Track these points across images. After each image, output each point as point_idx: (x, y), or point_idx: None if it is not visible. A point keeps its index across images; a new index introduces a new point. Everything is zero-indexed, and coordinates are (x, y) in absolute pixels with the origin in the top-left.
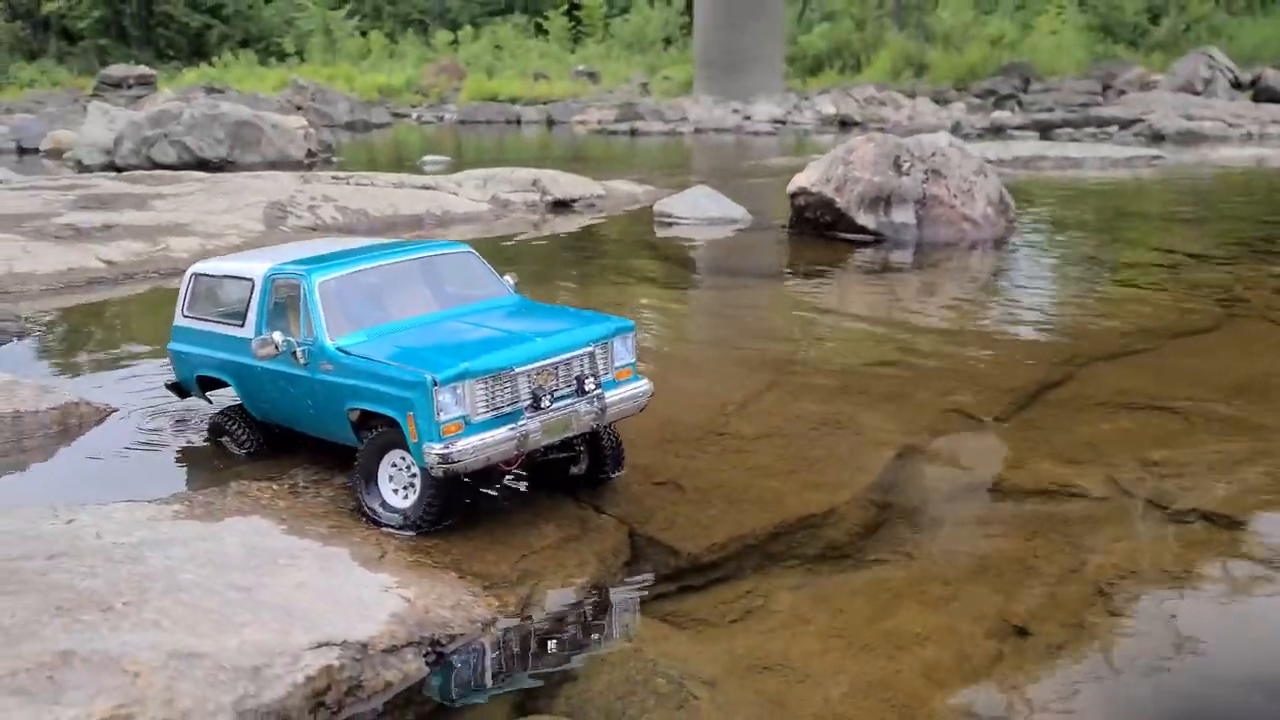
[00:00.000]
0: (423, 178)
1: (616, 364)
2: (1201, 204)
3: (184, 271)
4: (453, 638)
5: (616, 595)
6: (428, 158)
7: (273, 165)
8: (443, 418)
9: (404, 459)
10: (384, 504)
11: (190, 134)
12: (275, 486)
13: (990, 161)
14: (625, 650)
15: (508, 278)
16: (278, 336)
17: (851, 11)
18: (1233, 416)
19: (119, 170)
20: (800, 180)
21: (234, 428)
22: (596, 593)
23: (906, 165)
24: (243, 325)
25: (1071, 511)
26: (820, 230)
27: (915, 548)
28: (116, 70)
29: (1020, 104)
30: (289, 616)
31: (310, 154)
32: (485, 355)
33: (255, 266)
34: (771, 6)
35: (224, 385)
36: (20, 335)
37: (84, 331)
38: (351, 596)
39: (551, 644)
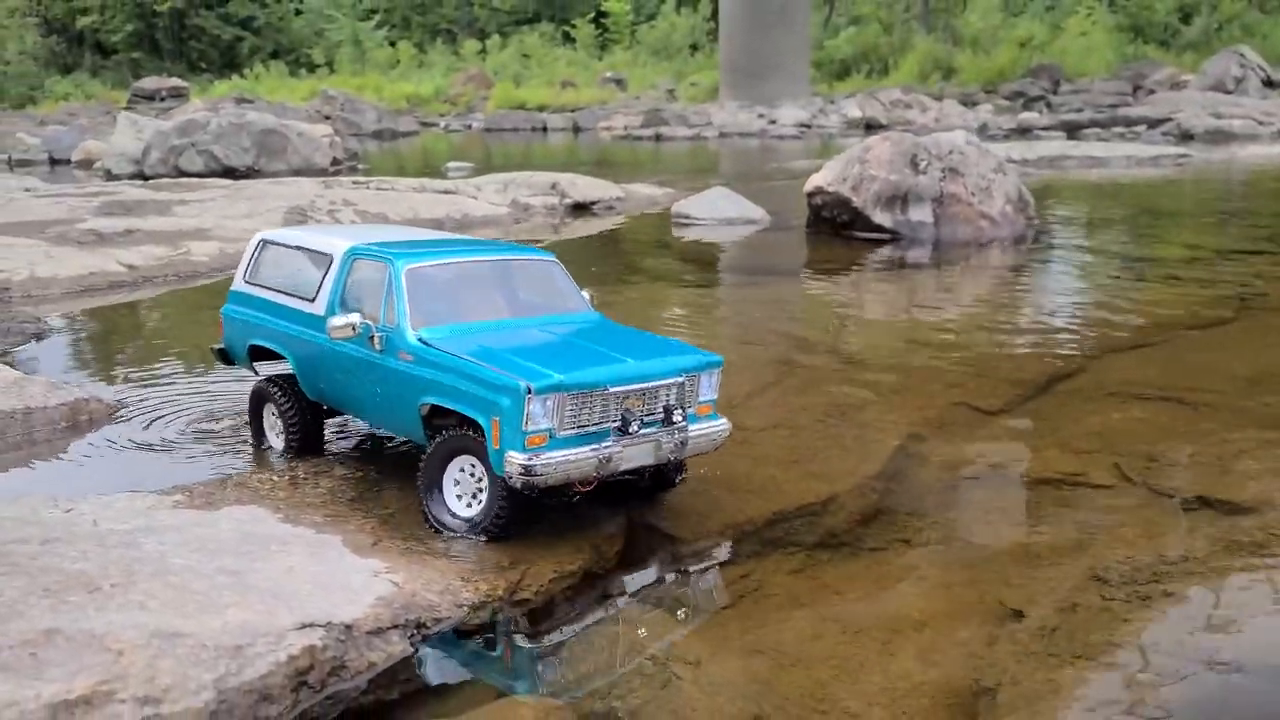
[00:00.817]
0: (443, 182)
1: (700, 398)
2: (1226, 201)
3: (203, 275)
4: (439, 620)
5: (609, 581)
6: (451, 164)
7: (298, 173)
8: (530, 428)
9: (473, 466)
10: (450, 512)
11: (217, 143)
12: (275, 478)
13: (1014, 161)
14: (614, 633)
15: (585, 292)
16: (356, 318)
17: (879, 16)
18: (1243, 407)
19: (147, 179)
20: (817, 180)
21: (281, 398)
22: (588, 578)
23: (923, 164)
24: (313, 300)
25: (1076, 499)
26: (837, 229)
27: (915, 535)
28: (149, 83)
29: (1049, 105)
30: (275, 599)
31: (336, 162)
32: (581, 370)
33: (335, 242)
34: (797, 12)
35: (276, 358)
36: (38, 336)
37: (101, 333)
38: (340, 581)
39: (540, 627)
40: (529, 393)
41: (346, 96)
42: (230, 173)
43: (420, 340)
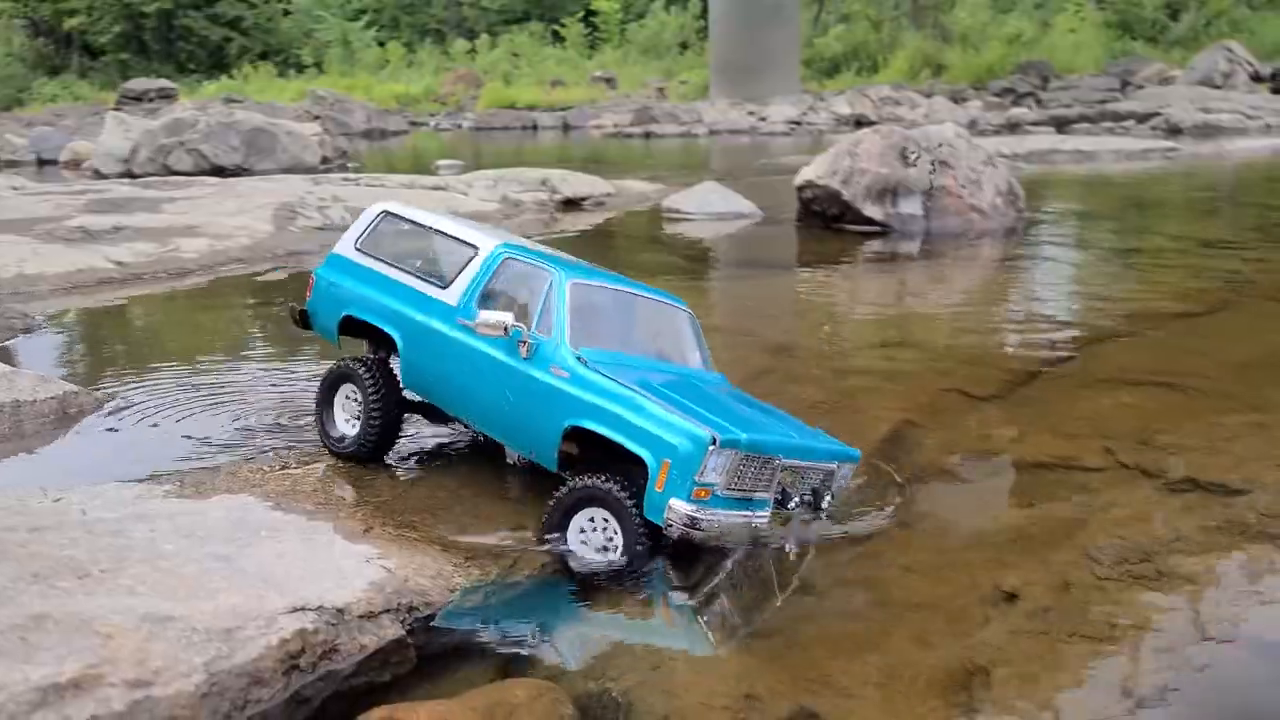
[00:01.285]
0: (433, 178)
1: (834, 488)
2: (1215, 193)
3: (192, 271)
4: (431, 604)
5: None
6: (441, 162)
7: (288, 172)
8: (701, 479)
9: (605, 521)
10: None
11: (206, 141)
12: (267, 467)
13: (1004, 156)
14: (607, 617)
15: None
16: (509, 319)
17: (868, 13)
18: (1233, 392)
19: (135, 178)
20: (807, 173)
21: (369, 382)
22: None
23: (913, 156)
24: (444, 288)
25: (1068, 482)
26: (828, 223)
27: (909, 517)
28: (137, 84)
29: (1039, 101)
30: (266, 583)
31: (325, 160)
32: (758, 432)
33: (481, 237)
34: (787, 9)
35: (371, 334)
36: (27, 331)
37: (89, 328)
38: (331, 566)
39: (532, 611)
40: (713, 442)
41: (336, 96)
42: (219, 171)
43: (580, 359)
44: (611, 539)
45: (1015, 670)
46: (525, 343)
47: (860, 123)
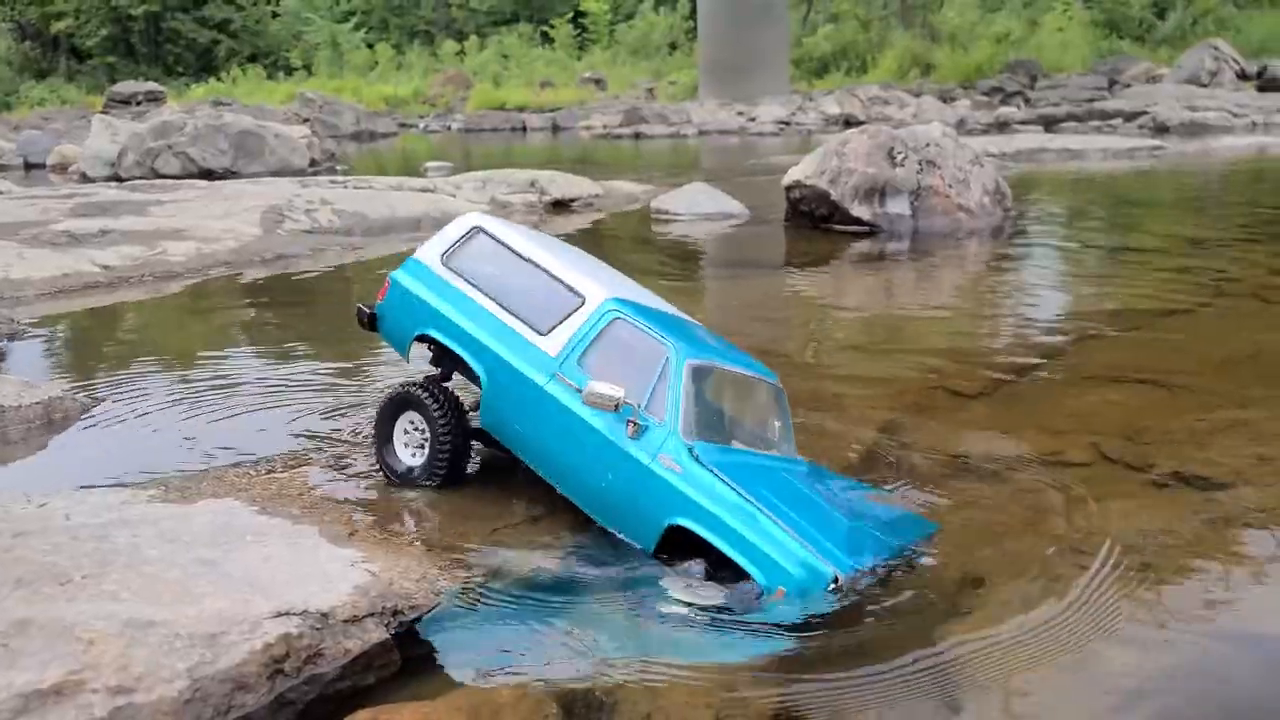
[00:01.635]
0: (421, 180)
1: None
2: (1201, 192)
3: (180, 275)
4: (416, 608)
5: (587, 566)
6: (430, 164)
7: (276, 174)
8: None
9: None
10: None
11: (194, 144)
12: (253, 471)
13: (992, 155)
14: (592, 618)
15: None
16: (621, 394)
17: (856, 13)
18: (1217, 388)
19: (123, 181)
20: (795, 174)
21: (437, 411)
22: (566, 564)
23: (900, 156)
24: (544, 335)
25: (1054, 477)
26: (816, 223)
27: None
28: (125, 87)
29: (1027, 100)
30: (251, 588)
31: (314, 163)
32: (869, 554)
33: (588, 284)
34: (776, 9)
35: (439, 349)
36: (11, 336)
37: (75, 333)
38: (316, 570)
39: (517, 613)
40: (835, 581)
41: (325, 99)
42: (207, 174)
43: (694, 454)
44: None
45: (996, 670)
46: (634, 423)
47: (849, 122)
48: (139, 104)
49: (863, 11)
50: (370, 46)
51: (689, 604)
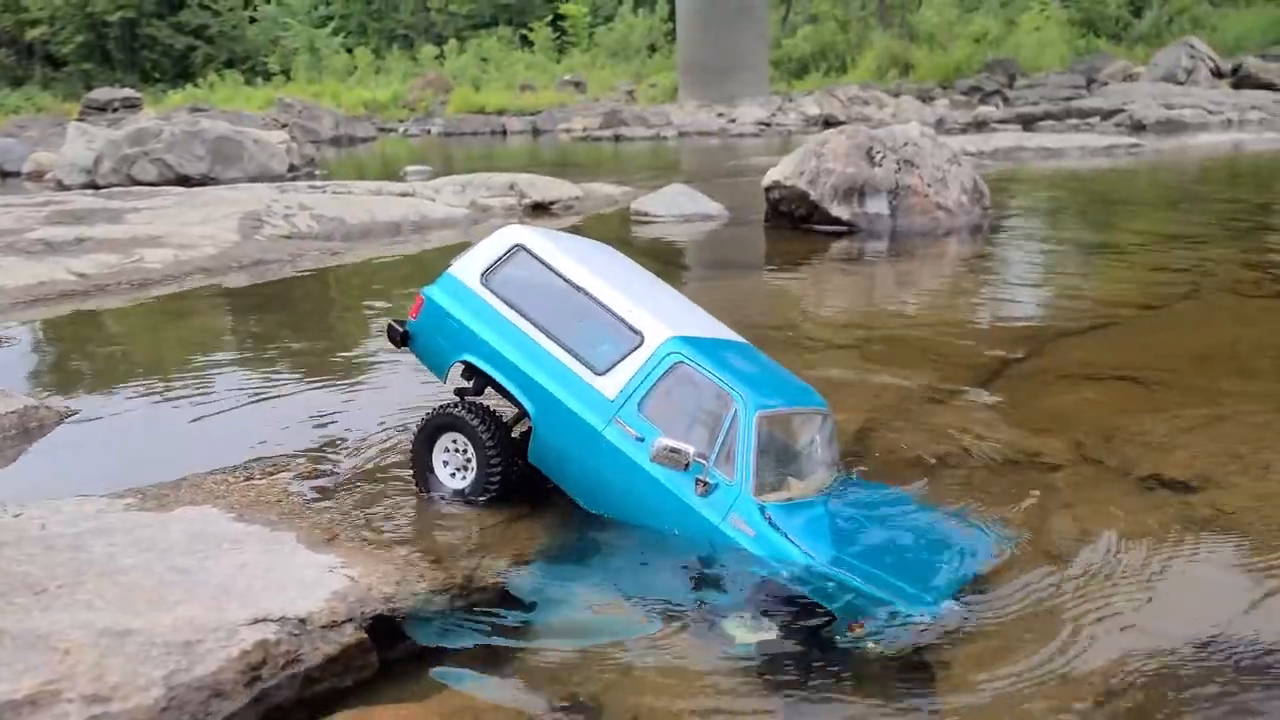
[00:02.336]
0: (401, 184)
1: None
2: (1176, 188)
3: (156, 282)
4: (395, 612)
5: (568, 569)
6: (410, 168)
7: (254, 180)
8: None
9: None
10: None
11: (170, 151)
12: (230, 478)
13: (970, 154)
14: (574, 621)
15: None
16: (692, 451)
17: (835, 14)
18: (1194, 384)
19: (99, 189)
20: (774, 174)
21: (485, 433)
22: (548, 567)
23: (879, 156)
24: (601, 375)
25: (1032, 476)
26: (795, 223)
27: None
28: (101, 94)
29: (1005, 99)
30: (227, 595)
31: (293, 168)
32: (945, 593)
33: (648, 320)
34: (755, 11)
35: (485, 377)
36: None
37: (50, 342)
38: (294, 576)
39: (497, 615)
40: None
41: (303, 104)
42: (185, 181)
43: (766, 516)
44: None
45: (971, 662)
46: (703, 481)
47: (829, 123)
48: (115, 111)
49: (841, 12)
50: (349, 51)
51: (754, 642)
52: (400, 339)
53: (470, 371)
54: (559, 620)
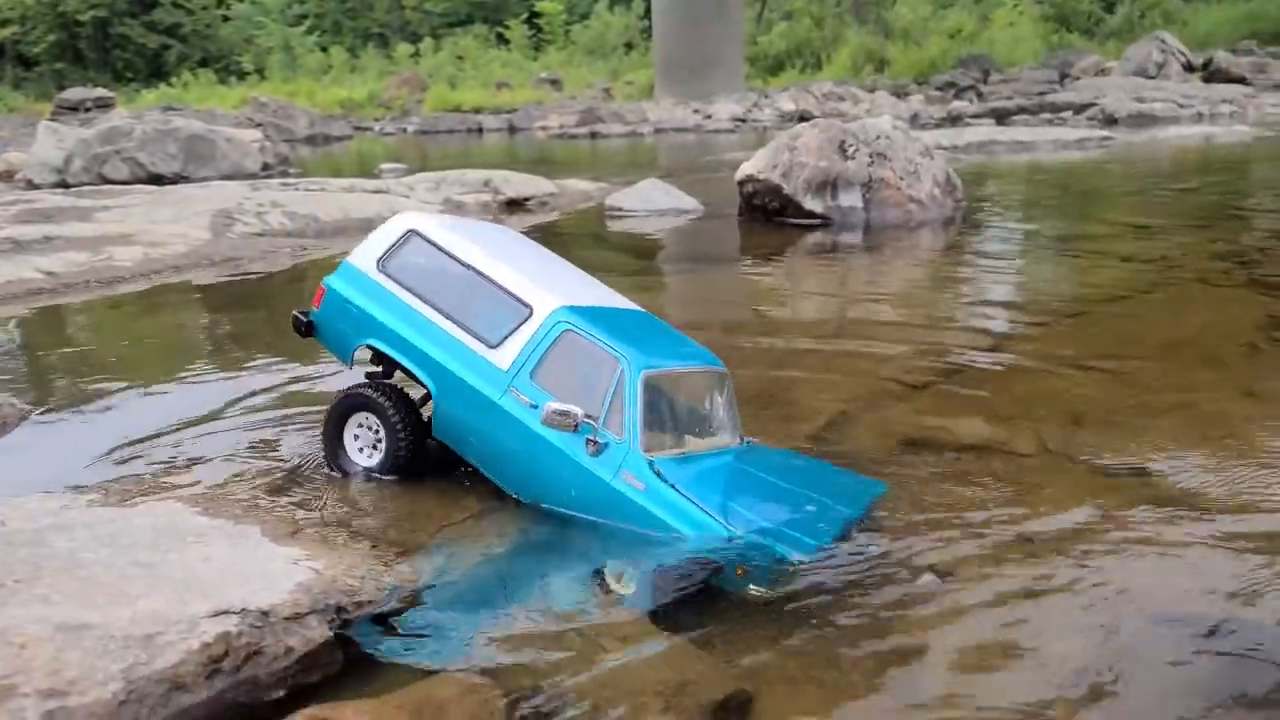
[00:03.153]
0: (375, 181)
1: None
2: (1146, 181)
3: (126, 280)
4: (360, 604)
5: (532, 561)
6: (385, 165)
7: (228, 179)
8: None
9: None
10: None
11: (142, 150)
12: (196, 473)
13: (944, 148)
14: (539, 611)
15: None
16: (579, 413)
17: (810, 10)
18: (1160, 372)
19: (70, 188)
20: (748, 168)
21: (392, 410)
22: (512, 559)
23: (852, 149)
24: (494, 348)
25: (1001, 464)
26: (769, 217)
27: None
28: (73, 94)
29: (979, 95)
30: (188, 588)
31: (267, 166)
32: (826, 534)
33: (536, 292)
34: (731, 8)
35: (390, 360)
36: None
37: (17, 339)
38: (257, 569)
39: (463, 608)
40: (794, 565)
41: (278, 103)
42: (157, 179)
43: (655, 470)
44: None
45: (944, 652)
46: (594, 441)
47: (804, 118)
48: (88, 110)
49: (816, 9)
50: (324, 50)
51: (621, 594)
52: (305, 329)
53: (378, 356)
54: (523, 611)
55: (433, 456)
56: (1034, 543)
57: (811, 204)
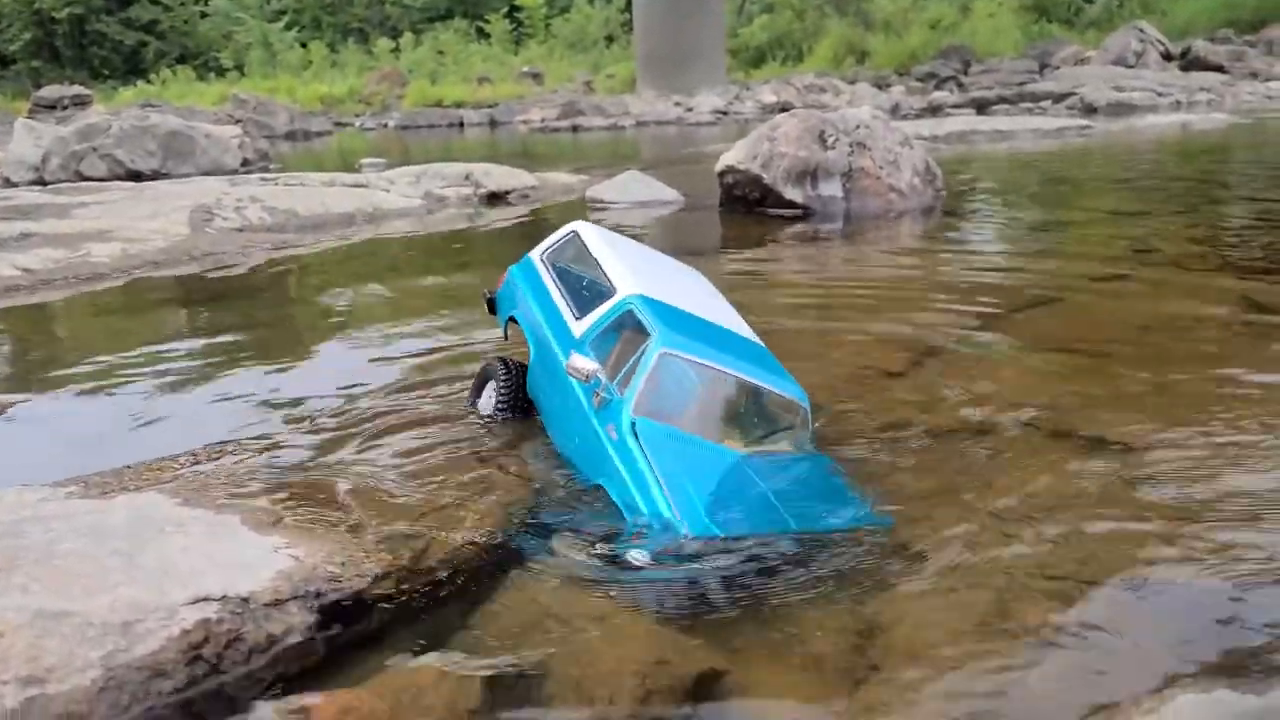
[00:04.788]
0: (355, 176)
1: None
2: (1125, 167)
3: (105, 276)
4: (341, 591)
5: (513, 545)
6: (365, 160)
7: (208, 175)
8: None
9: None
10: None
11: (120, 146)
12: (175, 464)
13: (924, 137)
14: (518, 594)
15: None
16: (595, 367)
17: (791, 2)
18: (1137, 354)
19: (46, 185)
20: (727, 159)
21: (504, 381)
22: (496, 544)
23: (831, 139)
24: (579, 320)
25: (980, 445)
26: (750, 207)
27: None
28: (50, 91)
29: (960, 85)
30: (168, 577)
31: (246, 162)
32: (747, 528)
33: (628, 279)
34: (711, 1)
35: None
36: None
37: None
38: (237, 557)
39: (444, 593)
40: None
41: (258, 99)
42: (136, 176)
43: (633, 428)
44: None
45: (914, 628)
46: (600, 395)
47: (786, 110)
48: (65, 109)
49: (797, 1)
50: (304, 45)
51: (598, 576)
52: (489, 305)
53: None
54: (503, 594)
55: (395, 450)
56: (1009, 521)
57: (792, 194)
